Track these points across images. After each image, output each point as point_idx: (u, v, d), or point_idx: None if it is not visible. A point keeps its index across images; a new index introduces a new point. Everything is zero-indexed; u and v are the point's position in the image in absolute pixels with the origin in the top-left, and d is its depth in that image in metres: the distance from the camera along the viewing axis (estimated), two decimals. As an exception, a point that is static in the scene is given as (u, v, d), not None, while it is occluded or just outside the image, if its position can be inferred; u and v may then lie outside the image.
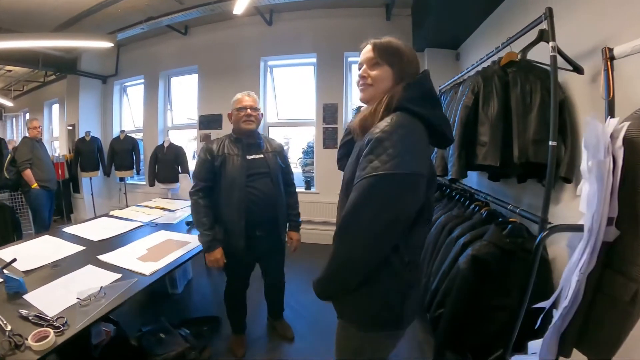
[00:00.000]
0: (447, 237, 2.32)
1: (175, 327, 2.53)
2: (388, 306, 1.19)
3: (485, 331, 1.99)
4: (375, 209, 1.04)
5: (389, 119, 1.09)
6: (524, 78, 2.01)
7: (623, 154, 1.02)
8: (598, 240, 1.05)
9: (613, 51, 1.38)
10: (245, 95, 2.35)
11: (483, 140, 2.06)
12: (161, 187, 5.74)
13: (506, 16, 2.97)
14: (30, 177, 4.38)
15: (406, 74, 1.21)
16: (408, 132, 1.07)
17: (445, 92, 2.98)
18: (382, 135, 1.05)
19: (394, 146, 1.02)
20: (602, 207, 1.03)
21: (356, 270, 1.14)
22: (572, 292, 1.11)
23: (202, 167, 2.28)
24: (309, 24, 5.12)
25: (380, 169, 1.02)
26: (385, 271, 1.15)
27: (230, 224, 2.23)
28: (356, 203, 1.06)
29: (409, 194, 1.06)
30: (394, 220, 1.05)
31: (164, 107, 6.51)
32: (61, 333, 1.40)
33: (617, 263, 1.08)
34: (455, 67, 4.28)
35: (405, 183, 1.03)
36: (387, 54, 1.22)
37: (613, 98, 1.42)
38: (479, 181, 3.16)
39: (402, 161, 1.01)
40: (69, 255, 2.27)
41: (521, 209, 1.92)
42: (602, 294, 1.12)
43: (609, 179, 1.02)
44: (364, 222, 1.05)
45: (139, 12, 4.75)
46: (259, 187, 2.24)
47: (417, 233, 1.19)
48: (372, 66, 1.24)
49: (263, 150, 2.35)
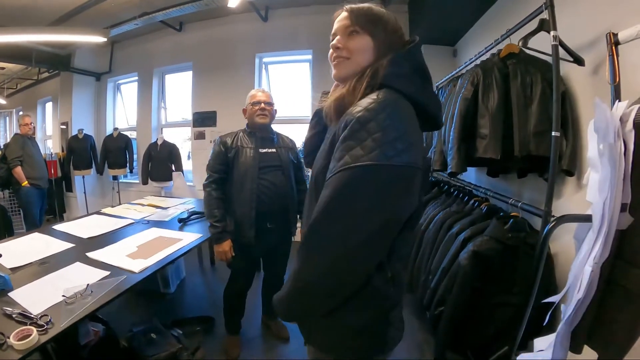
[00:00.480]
0: (447, 233, 2.28)
1: (167, 327, 2.48)
2: (368, 333, 0.97)
3: (487, 329, 1.96)
4: (355, 212, 0.80)
5: (374, 95, 0.86)
6: (524, 70, 1.99)
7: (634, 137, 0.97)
8: (612, 227, 1.00)
9: (618, 36, 1.34)
10: (260, 91, 2.38)
11: (483, 133, 2.02)
12: (154, 186, 5.68)
13: (505, 10, 2.94)
14: (20, 174, 4.31)
15: (390, 46, 0.99)
16: (399, 112, 0.84)
17: (443, 87, 2.94)
18: (366, 114, 0.82)
19: (382, 130, 0.79)
20: (615, 192, 0.97)
21: (327, 294, 0.89)
22: (586, 283, 1.05)
23: (215, 159, 2.32)
24: (305, 20, 5.06)
25: (364, 159, 0.79)
26: (364, 290, 0.90)
27: (241, 214, 2.25)
28: (329, 204, 0.82)
29: (402, 193, 0.82)
30: (380, 228, 0.81)
31: (157, 105, 6.45)
32: (45, 332, 1.35)
33: (628, 253, 1.03)
34: (453, 64, 4.22)
35: (398, 178, 0.80)
36: (367, 21, 1.00)
37: (619, 83, 1.38)
38: (477, 178, 3.12)
39: (393, 149, 0.79)
40: (57, 252, 2.22)
41: (523, 203, 1.87)
42: (614, 285, 1.07)
43: (621, 162, 0.97)
44: (339, 231, 0.81)
45: (133, 7, 4.69)
46: (271, 179, 2.27)
47: (403, 241, 0.95)
48: (349, 35, 1.01)
49: (276, 145, 2.39)
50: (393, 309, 0.99)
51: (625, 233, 1.03)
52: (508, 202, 2.00)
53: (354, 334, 0.96)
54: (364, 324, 0.95)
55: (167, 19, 5.19)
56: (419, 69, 0.97)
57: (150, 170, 5.67)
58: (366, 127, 0.80)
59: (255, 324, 2.86)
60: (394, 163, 0.78)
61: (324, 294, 0.89)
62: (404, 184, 0.82)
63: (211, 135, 5.61)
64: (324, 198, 0.83)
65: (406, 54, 0.96)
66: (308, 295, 0.91)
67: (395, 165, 0.78)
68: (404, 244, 0.98)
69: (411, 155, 0.81)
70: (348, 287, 0.88)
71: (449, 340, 2.06)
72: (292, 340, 2.65)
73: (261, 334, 2.77)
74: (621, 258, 1.05)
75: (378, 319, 0.96)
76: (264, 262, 2.65)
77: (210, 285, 3.64)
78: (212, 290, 3.52)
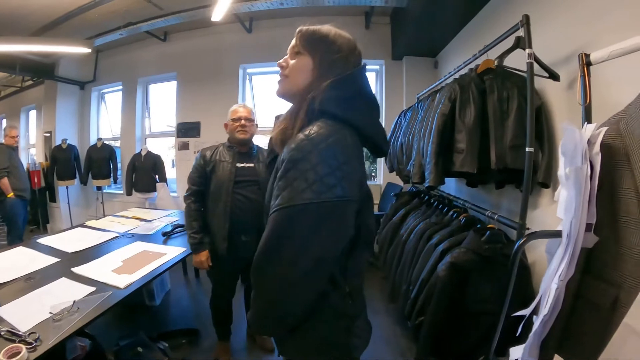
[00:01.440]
0: (427, 244, 2.33)
1: (153, 340, 2.48)
2: (332, 345, 1.02)
3: (468, 337, 2.00)
4: (289, 254, 0.84)
5: (309, 130, 0.89)
6: (501, 85, 2.04)
7: (601, 159, 1.02)
8: (577, 246, 1.05)
9: (590, 57, 1.40)
10: (241, 106, 2.41)
11: (460, 148, 2.08)
12: (139, 197, 5.63)
13: (484, 24, 3.02)
14: (7, 186, 4.24)
15: (330, 67, 1.00)
16: (331, 147, 0.86)
17: (423, 100, 3.01)
18: (297, 154, 0.85)
19: (312, 167, 0.83)
20: (580, 213, 1.02)
21: (278, 318, 0.95)
22: (551, 299, 1.10)
23: (195, 172, 2.36)
24: (289, 32, 4.91)
25: (296, 199, 0.82)
26: (325, 309, 0.97)
27: (216, 227, 2.28)
28: (267, 244, 0.86)
29: (335, 228, 0.87)
30: (315, 266, 0.86)
31: (142, 115, 6.41)
32: (34, 349, 1.35)
33: (597, 269, 1.08)
34: (434, 75, 4.33)
35: (329, 214, 0.84)
36: (309, 42, 1.03)
37: (590, 104, 1.44)
38: (457, 188, 3.19)
39: (324, 185, 0.82)
40: (42, 267, 2.21)
41: (499, 215, 1.93)
42: (582, 300, 1.11)
43: (587, 185, 1.02)
44: (276, 271, 0.87)
45: (118, 17, 4.70)
46: (246, 194, 2.29)
47: (356, 259, 1.01)
48: (293, 55, 1.05)
49: (254, 160, 2.41)
50: (354, 322, 1.04)
51: (594, 250, 1.08)
52: (485, 214, 2.05)
53: (319, 346, 1.01)
54: (327, 337, 1.00)
55: (152, 30, 5.19)
56: (364, 95, 1.00)
57: (134, 181, 5.62)
58: (297, 167, 0.84)
59: (240, 335, 2.86)
60: (324, 200, 0.82)
61: (276, 318, 0.95)
62: (337, 218, 0.86)
63: (195, 146, 5.61)
64: (263, 238, 0.88)
65: (347, 77, 0.98)
66: (265, 318, 0.97)
67: (326, 202, 0.82)
68: (359, 261, 1.04)
69: (344, 187, 0.85)
70: (296, 314, 0.94)
71: (429, 348, 2.10)
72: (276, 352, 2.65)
73: (247, 346, 2.78)
74: (589, 273, 1.10)
75: (340, 333, 1.01)
76: (245, 274, 2.64)
77: (195, 297, 3.63)
78: (197, 302, 3.51)
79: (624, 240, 0.99)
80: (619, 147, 1.01)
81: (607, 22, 1.61)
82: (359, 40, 1.08)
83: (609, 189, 1.04)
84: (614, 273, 1.02)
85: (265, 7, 4.16)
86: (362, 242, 1.00)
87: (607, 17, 1.61)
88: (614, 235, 1.02)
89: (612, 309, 1.01)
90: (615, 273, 1.01)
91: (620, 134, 1.00)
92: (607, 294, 1.03)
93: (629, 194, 0.98)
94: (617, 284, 1.00)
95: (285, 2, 4.00)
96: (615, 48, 1.25)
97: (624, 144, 0.99)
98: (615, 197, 1.02)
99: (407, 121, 3.13)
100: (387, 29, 4.74)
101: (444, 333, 2.04)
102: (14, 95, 7.85)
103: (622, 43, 1.21)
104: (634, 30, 1.11)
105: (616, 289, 1.00)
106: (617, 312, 0.98)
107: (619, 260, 1.00)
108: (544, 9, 2.08)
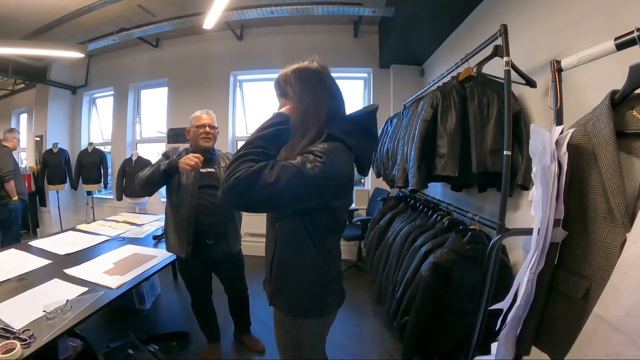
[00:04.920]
0: (411, 246, 2.40)
1: (143, 343, 2.51)
2: (312, 297, 1.33)
3: (452, 336, 2.06)
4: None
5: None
6: (481, 92, 2.11)
7: (568, 158, 1.09)
8: (546, 240, 1.12)
9: (561, 64, 1.47)
10: (204, 113, 2.42)
11: (442, 152, 2.14)
12: (129, 202, 5.64)
13: (467, 33, 3.11)
14: (13, 188, 4.23)
15: (301, 98, 1.24)
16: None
17: (409, 107, 3.08)
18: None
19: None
20: (549, 209, 1.10)
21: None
22: (523, 291, 1.17)
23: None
24: (279, 39, 5.17)
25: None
26: (308, 267, 1.28)
27: (180, 231, 2.28)
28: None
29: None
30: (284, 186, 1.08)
31: (133, 120, 6.41)
32: (28, 345, 1.39)
33: (569, 262, 1.14)
34: (421, 83, 4.43)
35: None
36: (278, 87, 1.31)
37: (561, 108, 1.50)
38: (443, 192, 3.26)
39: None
40: (35, 269, 2.24)
41: (480, 217, 2.00)
42: (556, 292, 1.18)
43: (555, 183, 1.09)
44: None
45: (110, 22, 4.72)
46: (209, 198, 2.30)
47: (330, 238, 1.31)
48: (281, 101, 1.32)
49: (215, 165, 2.42)
50: (331, 283, 1.35)
51: (566, 245, 1.14)
52: (467, 216, 2.12)
53: (301, 297, 1.33)
54: (308, 291, 1.32)
55: (144, 36, 5.22)
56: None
57: (124, 186, 5.60)
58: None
59: (229, 337, 2.89)
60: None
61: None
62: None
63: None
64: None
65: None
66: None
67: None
68: (334, 240, 1.36)
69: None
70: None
71: (414, 347, 2.15)
72: (267, 353, 2.69)
73: (236, 349, 2.79)
74: (563, 267, 1.16)
75: (319, 289, 1.33)
76: (219, 277, 2.65)
77: (184, 301, 3.63)
78: (186, 306, 3.48)
79: (592, 234, 1.05)
80: (587, 147, 1.07)
81: (580, 31, 1.69)
82: (348, 48, 1.26)
83: (578, 187, 1.10)
84: (585, 266, 1.07)
85: (256, 15, 4.20)
86: (337, 225, 1.33)
87: (581, 26, 1.69)
88: (584, 230, 1.08)
89: (584, 300, 1.06)
90: (586, 266, 1.07)
91: (588, 135, 1.06)
92: (579, 286, 1.08)
93: (596, 191, 1.04)
94: (589, 276, 1.05)
95: (276, 11, 4.05)
96: (584, 54, 1.31)
97: (591, 144, 1.05)
98: (584, 194, 1.08)
99: (392, 127, 3.20)
100: (375, 37, 4.81)
101: (428, 332, 2.10)
102: (5, 98, 7.77)
103: (590, 49, 1.27)
104: (606, 37, 1.16)
105: (587, 281, 1.05)
106: (589, 303, 1.03)
107: (589, 254, 1.06)
108: (521, 18, 2.17)
